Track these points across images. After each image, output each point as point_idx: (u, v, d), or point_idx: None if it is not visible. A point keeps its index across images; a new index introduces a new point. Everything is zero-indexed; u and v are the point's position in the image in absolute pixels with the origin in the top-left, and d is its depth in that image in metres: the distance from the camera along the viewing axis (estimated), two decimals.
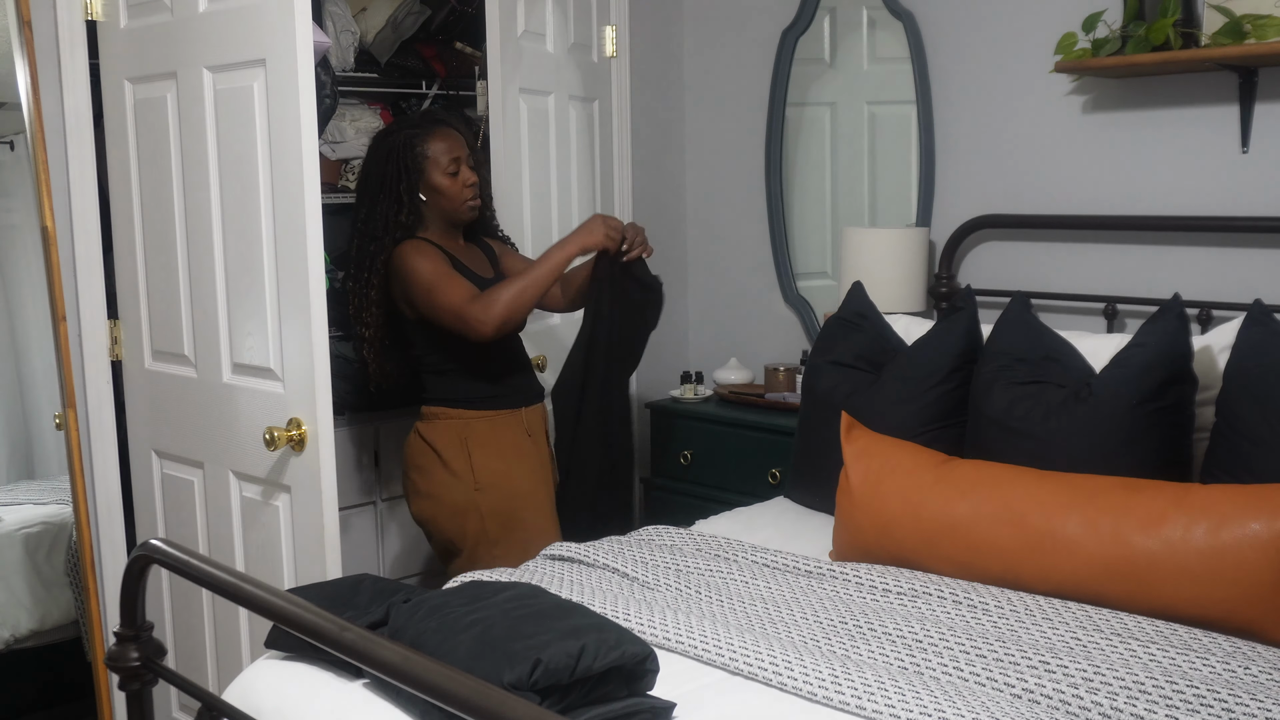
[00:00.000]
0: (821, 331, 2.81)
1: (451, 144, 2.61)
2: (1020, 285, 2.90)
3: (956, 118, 3.09)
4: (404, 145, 2.59)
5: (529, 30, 3.02)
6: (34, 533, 3.41)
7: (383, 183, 2.60)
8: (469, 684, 1.18)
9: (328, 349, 2.28)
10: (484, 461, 2.60)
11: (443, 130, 2.63)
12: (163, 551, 1.67)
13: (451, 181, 2.61)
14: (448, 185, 2.61)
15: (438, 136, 2.61)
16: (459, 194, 2.62)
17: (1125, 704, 1.56)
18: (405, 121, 2.72)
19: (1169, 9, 2.50)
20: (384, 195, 2.59)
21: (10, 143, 3.52)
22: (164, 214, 2.58)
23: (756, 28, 3.53)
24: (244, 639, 2.52)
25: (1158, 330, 2.21)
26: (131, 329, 2.72)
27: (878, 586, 2.06)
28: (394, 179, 2.58)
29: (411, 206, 2.59)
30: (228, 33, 2.35)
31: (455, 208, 2.63)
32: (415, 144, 2.59)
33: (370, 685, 1.67)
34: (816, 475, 2.62)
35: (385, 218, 2.58)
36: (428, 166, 2.59)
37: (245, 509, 2.50)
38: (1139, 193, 2.78)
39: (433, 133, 2.61)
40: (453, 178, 2.61)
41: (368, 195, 2.62)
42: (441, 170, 2.59)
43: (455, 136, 2.63)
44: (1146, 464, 2.13)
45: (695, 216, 3.80)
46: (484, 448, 2.62)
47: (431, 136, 2.61)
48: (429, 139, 2.60)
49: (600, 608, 1.92)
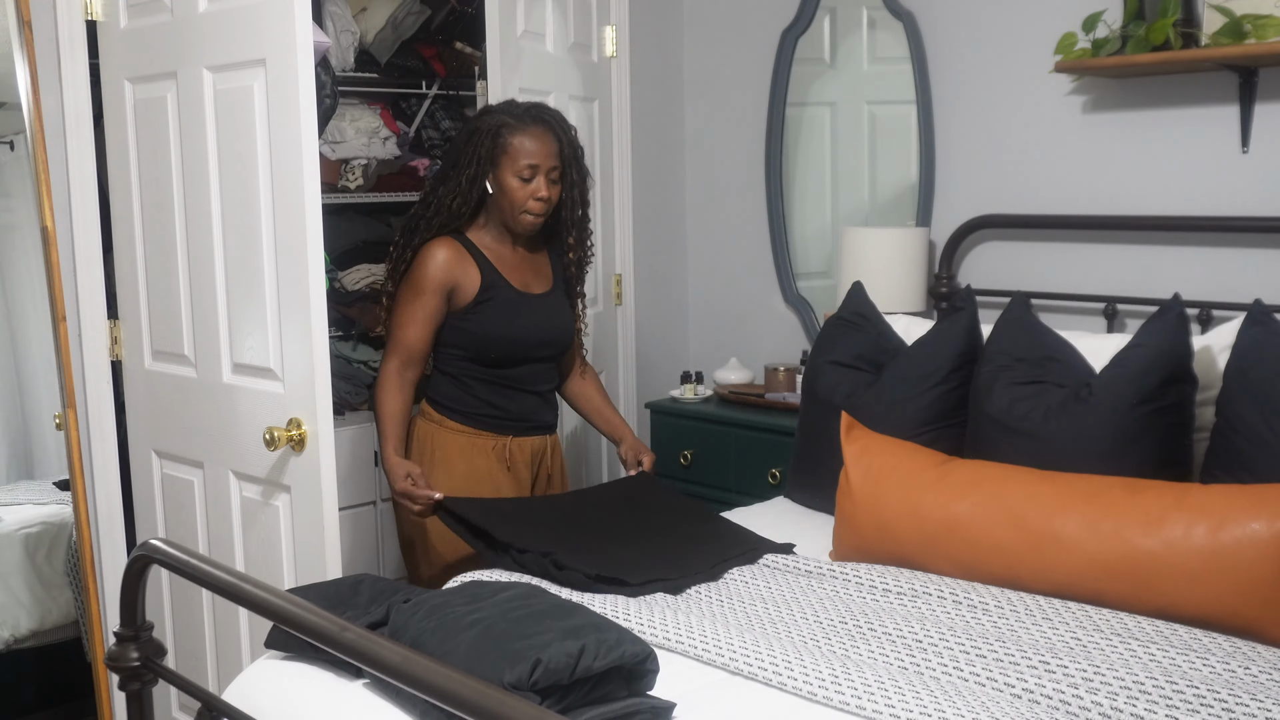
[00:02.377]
0: (821, 331, 2.81)
1: (539, 147, 2.41)
2: (1020, 285, 2.90)
3: (956, 118, 3.09)
4: (492, 130, 2.43)
5: (529, 30, 3.02)
6: (34, 533, 3.42)
7: (456, 161, 2.46)
8: (469, 684, 1.18)
9: (328, 349, 2.28)
10: (442, 480, 2.42)
11: (537, 130, 2.43)
12: (163, 551, 1.67)
13: (520, 186, 2.42)
14: (515, 188, 2.42)
15: (530, 135, 2.42)
16: (520, 201, 2.42)
17: (1125, 704, 1.56)
18: (507, 106, 2.51)
19: (1169, 9, 2.50)
20: (454, 174, 2.46)
21: (10, 143, 3.52)
22: (164, 214, 2.58)
23: (756, 28, 3.53)
24: (244, 639, 2.52)
25: (1158, 330, 2.21)
26: (131, 329, 2.72)
27: (878, 586, 2.06)
28: (467, 162, 2.44)
29: (468, 195, 2.45)
30: (228, 33, 2.35)
31: (511, 214, 2.45)
32: (503, 133, 2.42)
33: (370, 685, 1.67)
34: (816, 475, 2.62)
35: (444, 199, 2.46)
36: (503, 161, 2.42)
37: (245, 509, 2.50)
38: (1139, 193, 2.78)
39: (527, 129, 2.42)
40: (524, 183, 2.42)
41: (444, 167, 2.52)
42: (515, 171, 2.41)
43: (548, 142, 2.43)
44: (1146, 464, 2.13)
45: (695, 216, 3.80)
46: (446, 465, 2.49)
47: (524, 132, 2.42)
48: (519, 133, 2.41)
49: (600, 608, 1.92)
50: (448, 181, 2.47)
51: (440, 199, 2.47)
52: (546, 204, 2.45)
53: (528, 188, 2.42)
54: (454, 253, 2.45)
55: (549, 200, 2.45)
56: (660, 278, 3.72)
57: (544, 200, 2.44)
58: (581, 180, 2.54)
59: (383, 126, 3.54)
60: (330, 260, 3.36)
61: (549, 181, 2.44)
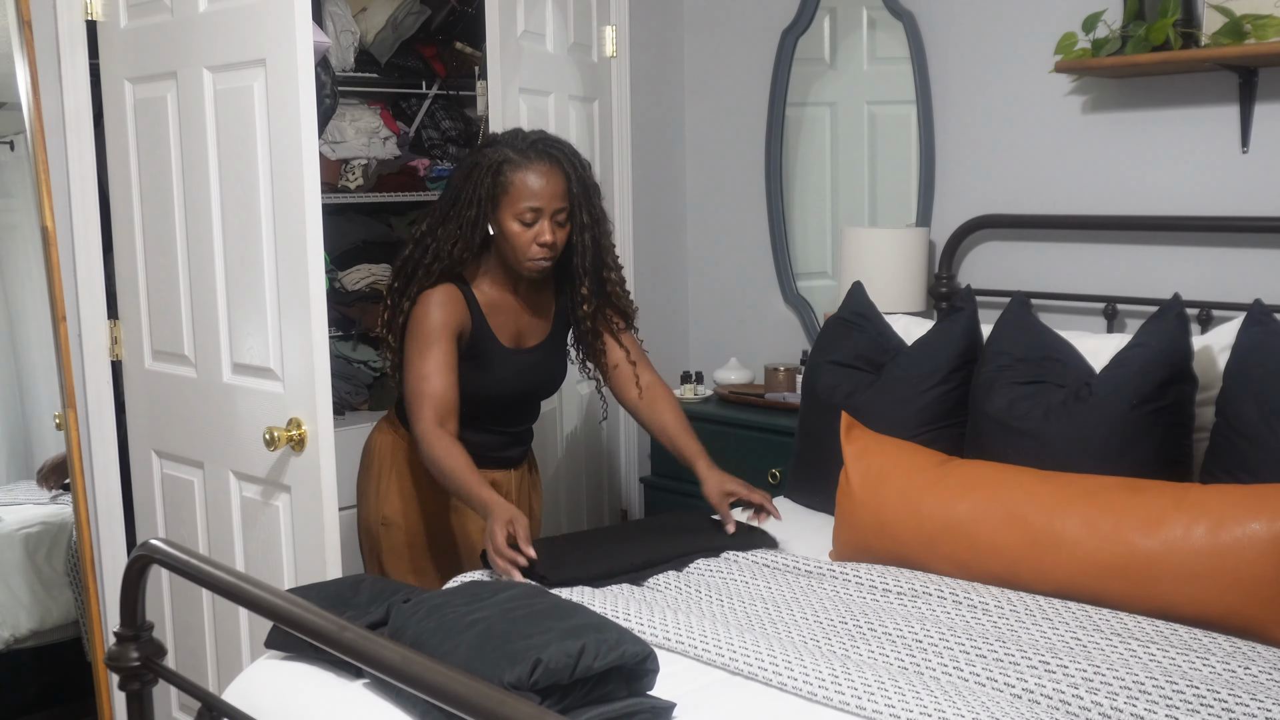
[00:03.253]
0: (821, 331, 2.81)
1: (545, 186, 2.21)
2: (1020, 285, 2.90)
3: (956, 118, 3.09)
4: (493, 166, 2.23)
5: (529, 30, 3.02)
6: (34, 533, 3.41)
7: (457, 199, 2.26)
8: (469, 684, 1.18)
9: (328, 349, 2.28)
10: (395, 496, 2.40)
11: (542, 167, 2.22)
12: (163, 551, 1.67)
13: (521, 231, 2.22)
14: (516, 233, 2.23)
15: (534, 171, 2.21)
16: (524, 249, 2.24)
17: (1125, 704, 1.56)
18: (512, 136, 2.30)
19: (1169, 9, 2.50)
20: (454, 214, 2.26)
21: (10, 143, 3.51)
22: (164, 214, 2.58)
23: (756, 28, 3.53)
24: (244, 639, 2.52)
25: (1158, 330, 2.21)
26: (131, 329, 2.72)
27: (878, 586, 2.06)
28: (467, 203, 2.24)
29: (470, 240, 2.25)
30: (228, 33, 2.35)
31: (515, 260, 2.27)
32: (504, 170, 2.22)
33: (370, 685, 1.67)
34: (816, 475, 2.62)
35: (443, 242, 2.26)
36: (504, 201, 2.22)
37: (245, 509, 2.50)
38: (1139, 193, 2.78)
39: (531, 165, 2.22)
40: (525, 227, 2.22)
41: (442, 205, 2.30)
42: (515, 213, 2.22)
43: (554, 181, 2.23)
44: (1146, 464, 2.13)
45: (695, 216, 3.80)
46: (404, 480, 2.42)
47: (526, 168, 2.22)
48: (521, 169, 2.22)
49: (600, 608, 1.92)
50: (446, 223, 2.27)
51: (440, 243, 2.27)
52: (552, 250, 2.26)
53: (529, 232, 2.23)
54: (454, 298, 2.28)
55: (554, 246, 2.26)
56: (660, 278, 3.72)
57: (548, 245, 2.24)
58: (595, 223, 2.32)
59: (383, 126, 3.54)
60: (330, 260, 3.36)
61: (554, 225, 2.24)
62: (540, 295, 2.43)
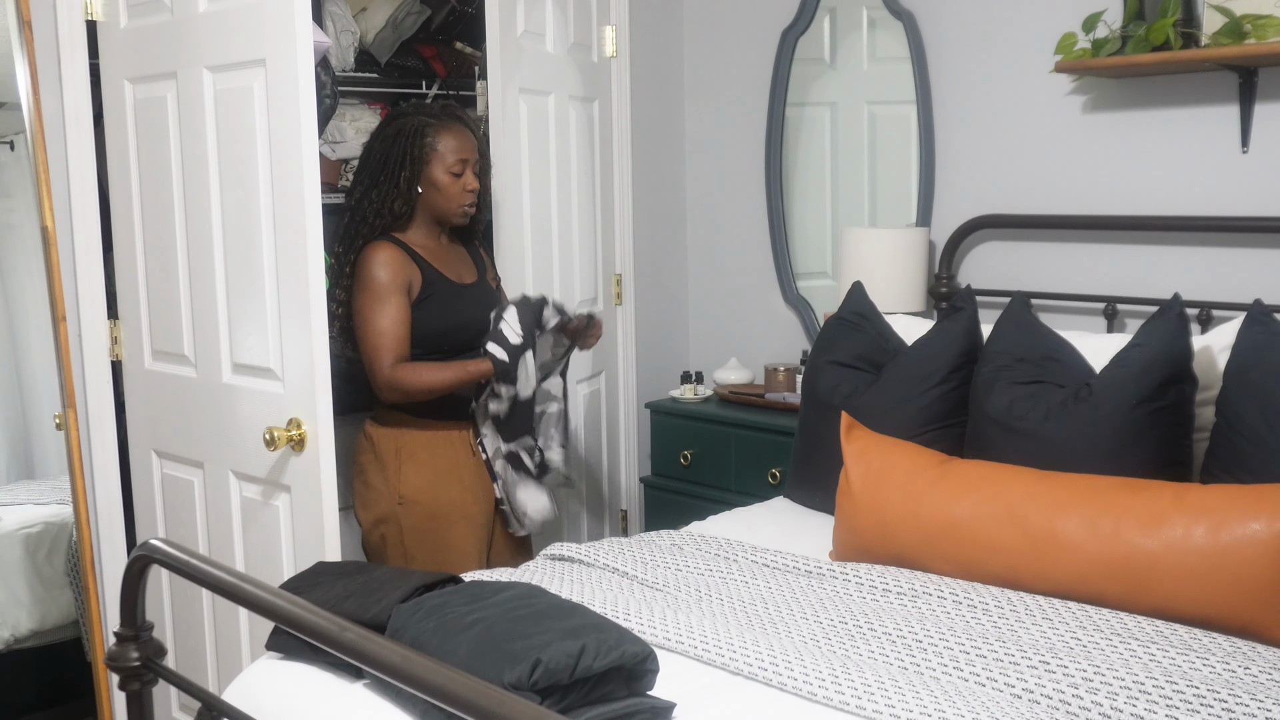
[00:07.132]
0: (821, 331, 2.81)
1: (462, 143, 2.56)
2: (1020, 285, 2.90)
3: (956, 118, 3.09)
4: (415, 131, 2.53)
5: (529, 30, 3.02)
6: (34, 533, 3.41)
7: (385, 164, 2.53)
8: (469, 684, 1.18)
9: (328, 349, 2.28)
10: (411, 475, 2.52)
11: (457, 128, 2.57)
12: (163, 551, 1.67)
13: (453, 181, 2.55)
14: (448, 184, 2.55)
15: (452, 133, 2.55)
16: (457, 196, 2.56)
17: (1125, 704, 1.56)
18: (421, 107, 2.66)
19: (1169, 9, 2.50)
20: (385, 178, 2.53)
21: (10, 143, 3.52)
22: (164, 214, 2.58)
23: (756, 28, 3.53)
24: (244, 639, 2.52)
25: (1158, 330, 2.21)
26: (131, 329, 2.72)
27: (878, 586, 2.06)
28: (397, 164, 2.52)
29: (408, 196, 2.54)
30: (228, 33, 2.35)
31: (449, 209, 2.57)
32: (427, 133, 2.53)
33: (370, 685, 1.67)
34: (816, 475, 2.62)
35: (381, 202, 2.53)
36: (433, 160, 2.53)
37: (245, 509, 2.50)
38: (1139, 193, 2.78)
39: (448, 127, 2.56)
40: (455, 178, 2.55)
41: (368, 172, 2.56)
42: (446, 168, 2.54)
43: (468, 138, 2.58)
44: (1146, 464, 2.13)
45: (695, 216, 3.80)
46: (414, 460, 2.54)
47: (446, 130, 2.55)
48: (442, 132, 2.54)
49: (600, 608, 1.92)
50: (380, 186, 2.54)
51: (376, 203, 2.53)
52: (474, 194, 2.60)
53: (459, 182, 2.56)
54: (398, 252, 2.52)
55: (476, 191, 2.60)
56: (660, 278, 3.72)
57: (474, 191, 2.59)
58: (489, 167, 2.73)
59: None
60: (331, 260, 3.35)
61: (474, 173, 2.59)
62: (454, 241, 2.71)
